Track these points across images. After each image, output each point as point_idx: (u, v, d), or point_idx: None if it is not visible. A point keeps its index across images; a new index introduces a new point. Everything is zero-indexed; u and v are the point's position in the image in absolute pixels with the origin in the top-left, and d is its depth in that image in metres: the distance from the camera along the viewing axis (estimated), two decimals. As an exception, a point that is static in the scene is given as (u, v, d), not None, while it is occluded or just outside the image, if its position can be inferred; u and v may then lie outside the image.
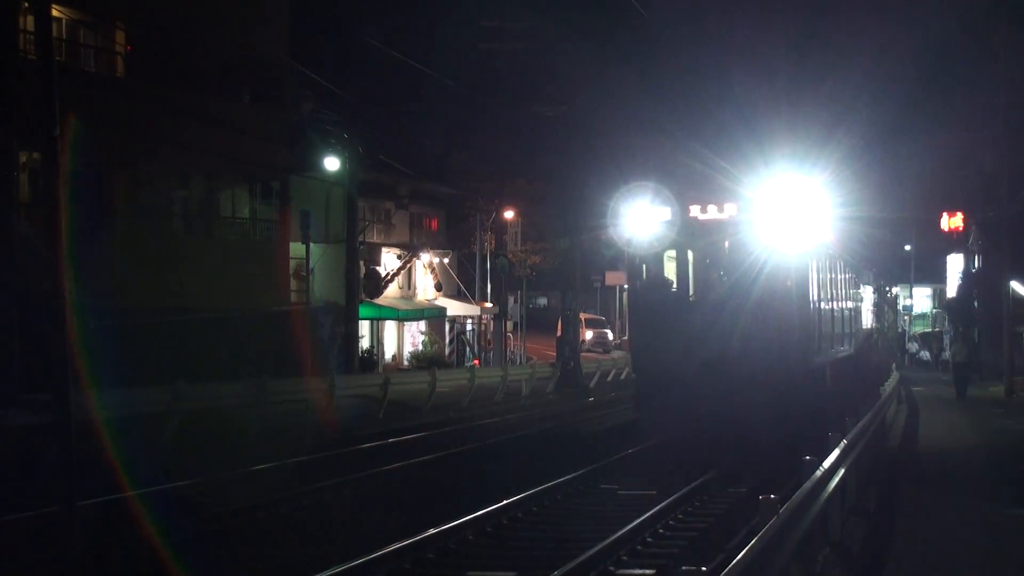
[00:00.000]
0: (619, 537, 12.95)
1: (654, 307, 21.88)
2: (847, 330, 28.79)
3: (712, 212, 21.14)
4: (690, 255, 21.99)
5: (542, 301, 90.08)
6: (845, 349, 27.97)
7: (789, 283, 20.74)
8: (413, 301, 54.12)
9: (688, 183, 22.39)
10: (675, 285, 22.30)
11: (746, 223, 20.96)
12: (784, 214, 20.71)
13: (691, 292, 22.09)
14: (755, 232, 20.85)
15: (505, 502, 15.45)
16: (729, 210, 21.06)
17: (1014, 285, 42.54)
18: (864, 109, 49.82)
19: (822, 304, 23.48)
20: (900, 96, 59.20)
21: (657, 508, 14.89)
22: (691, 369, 20.25)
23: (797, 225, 20.78)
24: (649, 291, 22.22)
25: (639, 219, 21.43)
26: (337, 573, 11.22)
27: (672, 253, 22.26)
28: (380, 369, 45.41)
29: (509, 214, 58.98)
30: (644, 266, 22.17)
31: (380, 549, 12.12)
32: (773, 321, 20.40)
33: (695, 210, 21.21)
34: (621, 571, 12.19)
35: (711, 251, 21.75)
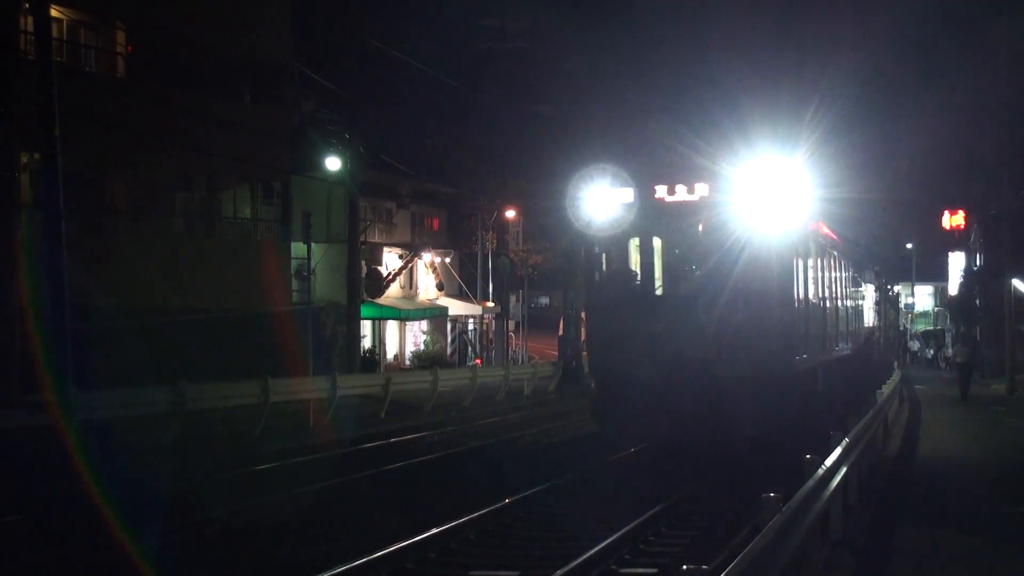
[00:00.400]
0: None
1: (615, 302, 19.48)
2: (844, 328, 27.92)
3: (681, 193, 18.81)
4: (657, 243, 19.56)
5: (544, 300, 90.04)
6: (841, 349, 27.14)
7: (770, 274, 18.55)
8: (415, 301, 54.12)
9: (654, 160, 20.60)
10: (639, 277, 19.79)
11: (720, 206, 18.70)
12: (764, 196, 18.47)
13: (657, 284, 19.57)
14: (731, 216, 18.64)
15: (508, 500, 15.46)
16: (700, 191, 18.75)
17: (1015, 283, 42.53)
18: (852, 85, 49.16)
19: (812, 299, 21.59)
20: (892, 74, 59.03)
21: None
22: (657, 372, 18.13)
23: (779, 209, 18.58)
24: (610, 284, 19.97)
25: (597, 202, 19.18)
26: (338, 573, 11.22)
27: (638, 241, 19.91)
28: (382, 369, 45.39)
29: (510, 213, 59.01)
30: (604, 256, 19.94)
31: (379, 550, 12.12)
32: (750, 317, 18.33)
33: (661, 191, 18.92)
34: (624, 570, 12.17)
35: (680, 238, 19.31)
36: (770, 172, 18.57)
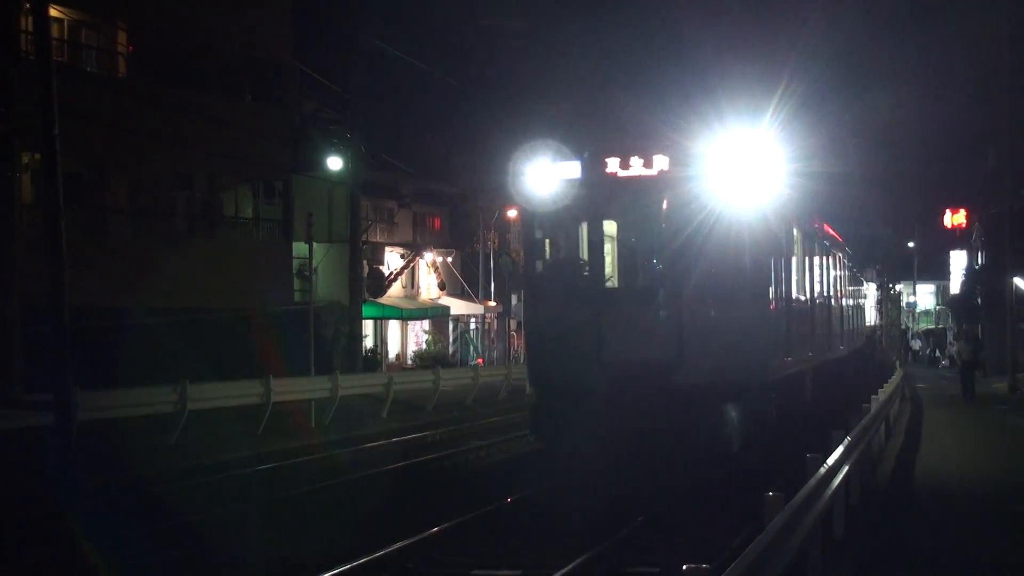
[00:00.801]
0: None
1: (559, 297, 16.73)
2: (841, 328, 26.88)
3: (636, 167, 16.15)
4: (610, 227, 17.00)
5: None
6: (838, 350, 26.00)
7: (743, 265, 16.16)
8: (416, 300, 54.09)
9: (612, 129, 18.49)
10: (588, 268, 17.03)
11: (683, 182, 16.07)
12: (735, 170, 15.92)
13: (609, 276, 17.09)
14: (696, 195, 16.08)
15: (510, 499, 15.47)
16: (659, 164, 16.09)
17: (1017, 282, 42.50)
18: (837, 47, 47.97)
19: (800, 295, 19.59)
20: (884, 44, 58.38)
21: None
22: (606, 380, 15.73)
23: (754, 187, 16.06)
24: (554, 275, 17.28)
25: (536, 178, 16.56)
26: (338, 573, 11.22)
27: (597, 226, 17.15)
28: (384, 368, 45.37)
29: (512, 212, 58.92)
30: (547, 242, 17.40)
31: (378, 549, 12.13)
32: (718, 315, 16.00)
33: (613, 164, 16.26)
34: (626, 569, 12.14)
35: (635, 220, 16.78)
36: (743, 143, 16.18)
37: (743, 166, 15.96)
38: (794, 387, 18.74)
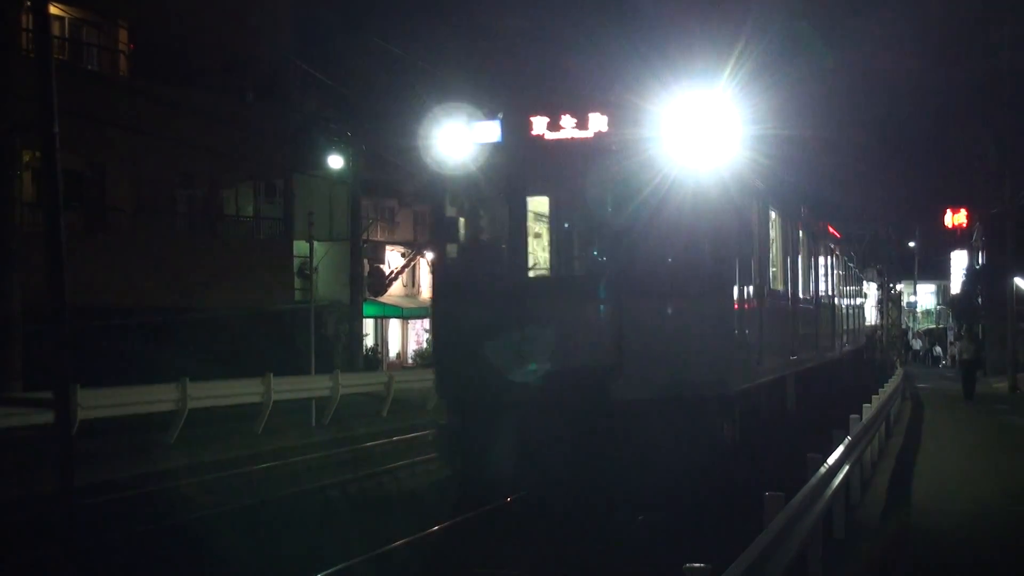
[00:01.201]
0: None
1: (473, 289, 14.01)
2: (834, 329, 25.95)
3: (568, 128, 13.43)
4: (538, 202, 14.25)
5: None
6: (831, 351, 25.09)
7: (702, 251, 13.61)
8: (417, 299, 54.05)
9: (534, 84, 15.53)
10: (509, 253, 14.16)
11: (626, 146, 13.30)
12: (692, 131, 13.09)
13: (535, 263, 14.39)
14: (642, 163, 13.31)
15: (509, 499, 15.43)
16: (596, 124, 13.38)
17: (1017, 282, 42.49)
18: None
19: (780, 290, 17.49)
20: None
21: None
22: (530, 391, 13.17)
23: (716, 156, 13.32)
24: (467, 263, 14.65)
25: (448, 143, 13.95)
26: (335, 572, 11.21)
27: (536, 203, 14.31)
28: (384, 367, 45.37)
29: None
30: (462, 222, 14.72)
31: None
32: (668, 313, 13.38)
33: (540, 125, 13.52)
34: (624, 569, 12.13)
35: (568, 195, 13.81)
36: (702, 98, 13.39)
37: (701, 128, 13.17)
38: (770, 396, 16.67)
